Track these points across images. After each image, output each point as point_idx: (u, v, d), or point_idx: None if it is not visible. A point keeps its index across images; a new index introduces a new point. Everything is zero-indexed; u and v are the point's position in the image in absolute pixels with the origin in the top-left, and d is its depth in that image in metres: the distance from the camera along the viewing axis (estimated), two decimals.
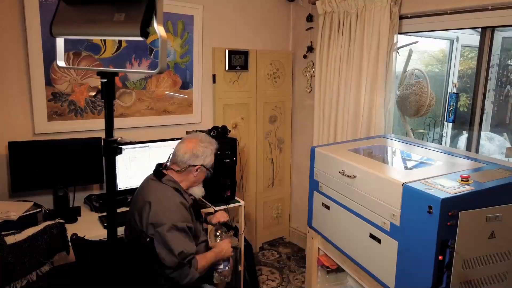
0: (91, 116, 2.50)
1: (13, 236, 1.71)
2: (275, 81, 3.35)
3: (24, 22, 2.19)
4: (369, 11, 2.53)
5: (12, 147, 2.15)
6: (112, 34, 0.99)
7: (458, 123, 2.73)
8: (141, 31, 0.92)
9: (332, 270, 2.31)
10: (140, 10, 0.93)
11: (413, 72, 2.74)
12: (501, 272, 1.59)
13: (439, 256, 1.45)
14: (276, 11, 3.32)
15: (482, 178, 1.58)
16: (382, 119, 2.56)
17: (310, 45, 3.22)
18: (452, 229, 1.44)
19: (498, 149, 2.69)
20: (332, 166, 2.06)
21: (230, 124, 3.13)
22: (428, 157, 2.03)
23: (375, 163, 1.93)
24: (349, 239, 1.96)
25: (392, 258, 1.64)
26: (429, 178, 1.61)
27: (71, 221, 2.19)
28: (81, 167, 2.35)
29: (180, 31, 2.78)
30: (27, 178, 2.21)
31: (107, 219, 1.17)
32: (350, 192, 1.91)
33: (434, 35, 2.86)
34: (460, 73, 2.93)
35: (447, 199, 1.41)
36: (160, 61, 0.95)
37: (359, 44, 2.62)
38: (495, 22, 2.13)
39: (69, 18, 1.04)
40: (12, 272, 1.67)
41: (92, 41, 2.42)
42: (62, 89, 2.37)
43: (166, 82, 2.78)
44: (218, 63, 2.99)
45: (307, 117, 3.36)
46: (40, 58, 2.25)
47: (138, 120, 2.69)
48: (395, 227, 1.62)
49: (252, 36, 3.20)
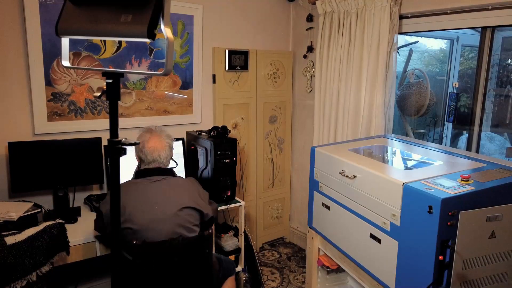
0: (91, 116, 2.50)
1: (13, 237, 1.71)
2: (275, 81, 3.35)
3: (24, 22, 2.19)
4: (369, 11, 2.53)
5: (12, 147, 2.15)
6: (119, 35, 0.99)
7: (459, 123, 2.73)
8: (148, 33, 0.92)
9: (332, 270, 2.31)
10: (147, 11, 0.93)
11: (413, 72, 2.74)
12: (501, 272, 1.59)
13: (439, 256, 1.45)
14: (276, 11, 3.31)
15: (482, 178, 1.58)
16: (382, 119, 2.56)
17: (310, 45, 3.22)
18: (452, 229, 1.44)
19: (498, 149, 2.69)
20: (332, 166, 2.06)
21: (230, 124, 3.13)
22: (428, 157, 2.03)
23: (375, 163, 1.93)
24: (349, 239, 1.96)
25: (393, 258, 1.64)
26: (429, 178, 1.61)
27: (71, 221, 2.19)
28: (81, 167, 2.35)
29: (180, 31, 2.78)
30: (27, 179, 2.21)
31: (111, 220, 1.17)
32: (350, 192, 1.91)
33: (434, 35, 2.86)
34: (460, 73, 2.93)
35: (447, 199, 1.40)
36: (166, 63, 0.95)
37: (359, 44, 2.62)
38: (495, 22, 2.12)
39: (75, 18, 1.04)
40: (12, 272, 1.67)
41: (92, 41, 2.42)
42: (62, 90, 2.37)
43: (166, 82, 2.78)
44: (218, 63, 2.99)
45: (307, 117, 3.36)
46: (40, 58, 2.25)
47: (138, 120, 2.69)
48: (396, 227, 1.62)
49: (252, 36, 3.20)
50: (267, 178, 3.47)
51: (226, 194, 2.56)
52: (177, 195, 1.90)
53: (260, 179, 3.41)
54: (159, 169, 1.96)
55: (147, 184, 1.89)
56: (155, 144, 1.97)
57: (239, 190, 3.20)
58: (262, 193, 3.44)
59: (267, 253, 3.47)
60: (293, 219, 3.69)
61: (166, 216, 1.82)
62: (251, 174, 3.33)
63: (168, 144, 2.03)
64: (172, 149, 2.06)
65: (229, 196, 2.57)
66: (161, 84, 2.75)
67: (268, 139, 3.41)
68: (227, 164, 2.54)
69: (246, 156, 3.27)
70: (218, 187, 2.53)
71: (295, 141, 3.55)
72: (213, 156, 2.48)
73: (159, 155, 1.96)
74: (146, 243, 1.71)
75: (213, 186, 2.52)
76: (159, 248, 1.72)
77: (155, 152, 1.96)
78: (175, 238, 1.76)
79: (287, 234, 3.72)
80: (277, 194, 3.57)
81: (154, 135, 2.00)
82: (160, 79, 2.74)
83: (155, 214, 1.81)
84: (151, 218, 1.80)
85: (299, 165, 3.53)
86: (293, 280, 3.05)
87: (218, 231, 2.71)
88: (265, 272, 3.14)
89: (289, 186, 3.64)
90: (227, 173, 2.55)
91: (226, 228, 2.75)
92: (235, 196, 2.65)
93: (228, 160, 2.53)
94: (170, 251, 1.73)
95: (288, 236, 3.72)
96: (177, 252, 1.75)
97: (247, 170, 3.30)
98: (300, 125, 3.47)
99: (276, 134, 3.45)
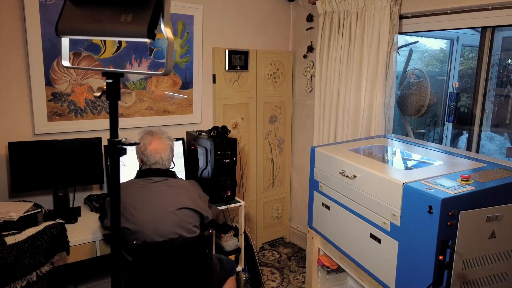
0: (91, 116, 2.50)
1: (13, 237, 1.71)
2: (275, 81, 3.35)
3: (24, 22, 2.19)
4: (369, 11, 2.53)
5: (12, 147, 2.15)
6: (119, 35, 0.99)
7: (459, 123, 2.73)
8: (148, 32, 0.92)
9: (333, 270, 2.31)
10: (147, 11, 0.93)
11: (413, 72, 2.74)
12: (501, 272, 1.59)
13: (440, 256, 1.45)
14: (276, 11, 3.31)
15: (482, 178, 1.58)
16: (382, 119, 2.56)
17: (310, 45, 3.22)
18: (452, 229, 1.44)
19: (498, 148, 2.69)
20: (332, 166, 2.06)
21: (230, 124, 3.13)
22: (428, 157, 2.02)
23: (375, 163, 1.93)
24: (350, 239, 1.96)
25: (393, 258, 1.64)
26: (429, 178, 1.61)
27: (71, 221, 2.18)
28: (81, 168, 2.35)
29: (180, 31, 2.78)
30: (27, 179, 2.21)
31: (111, 220, 1.17)
32: (351, 192, 1.91)
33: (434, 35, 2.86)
34: (461, 73, 2.93)
35: (447, 199, 1.40)
36: (166, 63, 0.95)
37: (359, 44, 2.62)
38: (495, 21, 2.12)
39: (75, 18, 1.04)
40: (12, 272, 1.67)
41: (92, 41, 2.42)
42: (62, 89, 2.37)
43: (166, 82, 2.78)
44: (218, 63, 2.99)
45: (307, 117, 3.36)
46: (40, 58, 2.25)
47: (138, 120, 2.69)
48: (396, 227, 1.62)
49: (252, 36, 3.20)
50: (267, 178, 3.47)
51: (226, 194, 2.56)
52: (176, 196, 1.90)
53: (260, 179, 3.41)
54: (160, 171, 1.97)
55: (145, 185, 1.89)
56: (157, 147, 1.97)
57: (239, 190, 3.20)
58: (262, 193, 3.44)
59: (267, 253, 3.47)
60: (293, 219, 3.69)
61: (165, 217, 1.82)
62: (251, 174, 3.33)
63: (170, 146, 2.04)
64: (173, 150, 2.07)
65: (229, 196, 2.57)
66: (161, 84, 2.75)
67: (268, 139, 3.41)
68: (227, 164, 2.54)
69: (246, 156, 3.27)
70: (218, 187, 2.53)
71: (295, 141, 3.55)
72: (213, 156, 2.48)
73: (161, 157, 1.97)
74: (146, 243, 1.71)
75: (213, 186, 2.52)
76: (159, 248, 1.72)
77: (158, 155, 1.96)
78: (175, 238, 1.76)
79: (287, 234, 3.72)
80: (277, 194, 3.57)
81: (156, 137, 2.00)
82: (160, 79, 2.74)
83: (154, 215, 1.81)
84: (149, 218, 1.80)
85: (299, 165, 3.53)
86: (293, 280, 3.05)
87: (218, 231, 2.71)
88: (265, 272, 3.14)
89: (289, 186, 3.64)
90: (227, 173, 2.55)
91: (226, 228, 2.75)
92: (235, 196, 2.65)
93: (228, 160, 2.53)
94: (170, 251, 1.73)
95: (288, 236, 3.72)
96: (177, 253, 1.75)
97: (247, 170, 3.30)
98: (300, 125, 3.47)
99: (276, 134, 3.45)
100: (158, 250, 1.72)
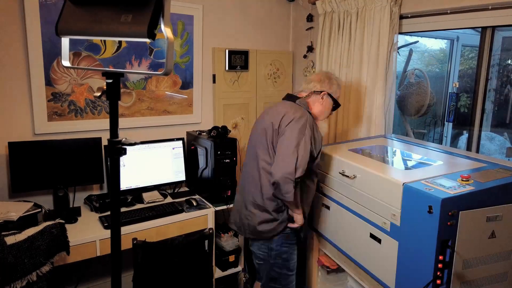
0: (91, 116, 2.50)
1: (13, 237, 1.71)
2: (275, 81, 3.35)
3: (24, 22, 2.19)
4: (369, 11, 2.53)
5: (12, 147, 2.15)
6: (119, 35, 0.99)
7: (459, 123, 2.73)
8: (148, 33, 0.92)
9: (333, 270, 2.31)
10: (147, 11, 0.93)
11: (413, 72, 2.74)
12: (501, 272, 1.59)
13: (439, 256, 1.45)
14: (276, 11, 3.31)
15: (482, 178, 1.58)
16: (382, 119, 2.56)
17: (310, 45, 3.22)
18: (452, 229, 1.44)
19: (498, 148, 2.70)
20: (332, 166, 2.06)
21: (230, 124, 3.13)
22: (428, 157, 2.03)
23: (375, 163, 1.93)
24: (350, 239, 1.96)
25: (393, 258, 1.64)
26: (429, 178, 1.61)
27: (71, 221, 2.18)
28: (81, 167, 2.35)
29: (180, 31, 2.78)
30: (27, 178, 2.21)
31: (111, 220, 1.17)
32: (351, 192, 1.91)
33: (434, 35, 2.86)
34: (461, 73, 2.93)
35: (447, 199, 1.41)
36: (166, 63, 0.95)
37: (359, 44, 2.62)
38: (495, 21, 2.12)
39: (75, 18, 1.04)
40: (12, 272, 1.67)
41: (92, 41, 2.42)
42: (62, 89, 2.37)
43: (166, 82, 2.78)
44: (218, 63, 2.99)
45: None
46: (40, 58, 2.25)
47: (138, 120, 2.69)
48: (396, 227, 1.62)
49: (252, 36, 3.20)
50: None
51: (226, 194, 2.57)
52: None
53: None
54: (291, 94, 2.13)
55: None
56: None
57: None
58: None
59: None
60: None
61: None
62: None
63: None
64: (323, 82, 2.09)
65: (229, 196, 2.57)
66: (161, 84, 2.75)
67: None
68: (227, 164, 2.54)
69: None
70: (218, 187, 2.53)
71: None
72: (213, 156, 2.48)
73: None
74: (146, 243, 1.71)
75: (213, 186, 2.52)
76: (159, 248, 1.73)
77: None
78: (175, 238, 1.76)
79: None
80: None
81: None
82: (160, 79, 2.74)
83: None
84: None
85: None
86: None
87: (218, 231, 2.71)
88: None
89: None
90: (227, 173, 2.55)
91: (226, 228, 2.75)
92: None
93: (228, 160, 2.54)
94: (170, 251, 1.73)
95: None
96: (177, 252, 1.75)
97: None
98: None
99: None
100: (158, 250, 1.73)
